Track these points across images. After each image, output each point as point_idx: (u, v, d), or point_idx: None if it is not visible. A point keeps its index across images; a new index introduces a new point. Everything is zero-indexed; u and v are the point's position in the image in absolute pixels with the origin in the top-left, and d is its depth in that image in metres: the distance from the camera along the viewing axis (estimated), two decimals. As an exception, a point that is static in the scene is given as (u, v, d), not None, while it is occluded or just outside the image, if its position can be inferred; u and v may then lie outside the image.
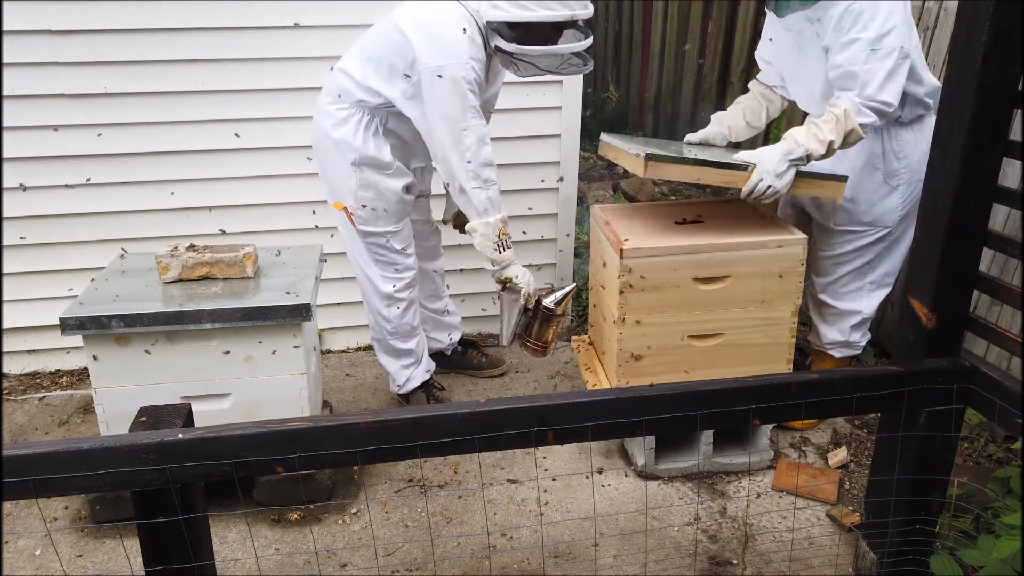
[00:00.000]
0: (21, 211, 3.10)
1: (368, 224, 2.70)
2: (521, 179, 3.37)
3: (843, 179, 2.49)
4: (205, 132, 3.12)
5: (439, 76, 2.36)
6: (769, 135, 4.36)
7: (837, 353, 2.89)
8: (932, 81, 2.49)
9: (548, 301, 2.59)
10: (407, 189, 2.71)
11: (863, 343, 2.87)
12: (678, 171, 2.41)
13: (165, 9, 2.93)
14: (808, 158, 2.37)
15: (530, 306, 2.61)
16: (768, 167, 2.37)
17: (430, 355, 3.11)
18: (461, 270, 3.45)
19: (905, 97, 2.43)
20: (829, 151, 2.36)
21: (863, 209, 2.63)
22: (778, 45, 2.68)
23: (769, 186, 2.38)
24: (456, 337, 3.27)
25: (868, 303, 2.77)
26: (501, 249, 2.53)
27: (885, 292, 2.76)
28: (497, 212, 2.51)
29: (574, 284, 2.72)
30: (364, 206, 2.66)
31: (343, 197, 2.67)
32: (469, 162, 2.43)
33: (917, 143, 2.53)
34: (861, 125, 2.33)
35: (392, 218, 2.71)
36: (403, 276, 2.80)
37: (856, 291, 2.75)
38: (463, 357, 3.32)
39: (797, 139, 2.37)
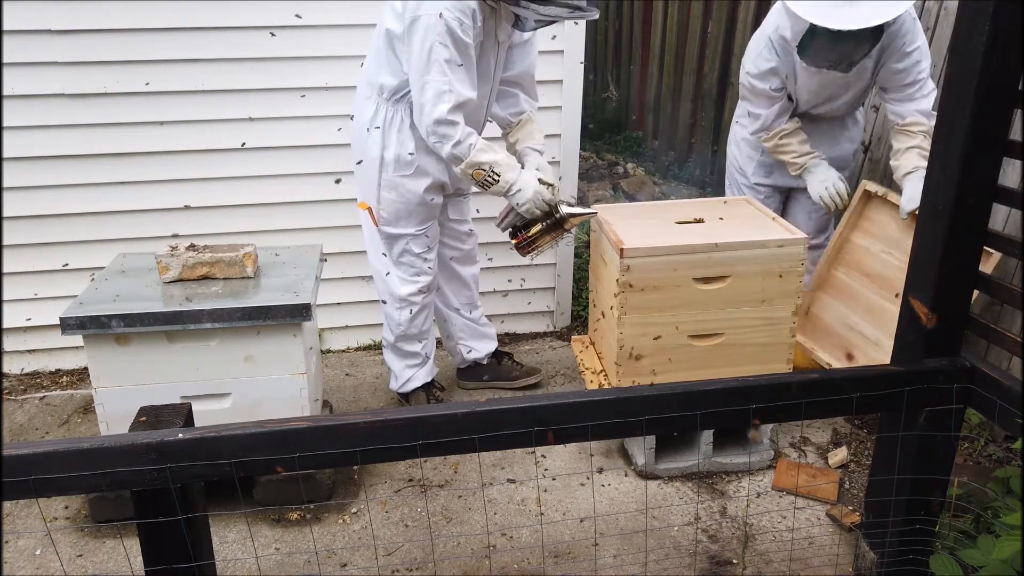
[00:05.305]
0: (21, 211, 3.10)
1: (390, 225, 2.70)
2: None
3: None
4: (205, 132, 3.12)
5: (414, 23, 2.36)
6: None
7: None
8: None
9: (564, 210, 2.56)
10: (432, 191, 2.69)
11: None
12: None
13: (165, 9, 2.93)
14: None
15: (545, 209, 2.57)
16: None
17: (464, 367, 3.13)
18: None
19: None
20: None
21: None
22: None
23: None
24: (491, 349, 3.19)
25: None
26: (486, 186, 2.52)
27: None
28: (460, 164, 2.48)
29: (596, 211, 2.68)
30: (386, 207, 2.66)
31: (367, 197, 2.68)
32: (425, 117, 2.41)
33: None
34: None
35: (414, 221, 2.70)
36: (419, 280, 2.79)
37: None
38: (497, 367, 3.23)
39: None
